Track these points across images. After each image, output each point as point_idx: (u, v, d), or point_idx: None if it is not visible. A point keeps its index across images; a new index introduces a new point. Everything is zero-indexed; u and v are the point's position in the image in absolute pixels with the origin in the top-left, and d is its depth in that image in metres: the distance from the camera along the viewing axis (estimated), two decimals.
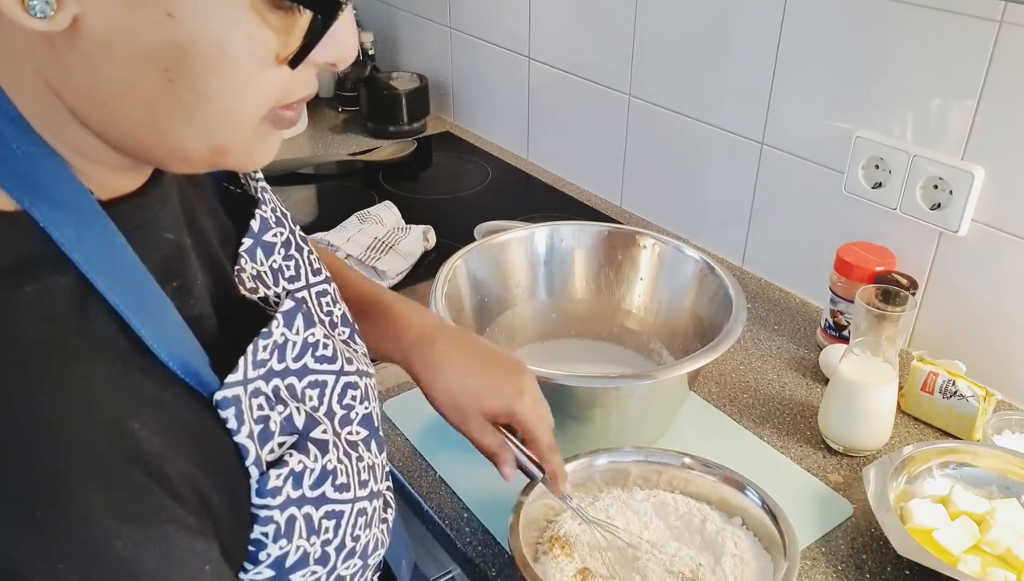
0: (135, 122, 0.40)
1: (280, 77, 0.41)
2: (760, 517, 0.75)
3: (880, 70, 1.04)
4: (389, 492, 0.61)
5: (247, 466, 0.45)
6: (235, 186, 0.59)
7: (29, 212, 0.39)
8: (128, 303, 0.41)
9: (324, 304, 0.60)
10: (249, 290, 0.53)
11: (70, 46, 0.37)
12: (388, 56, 1.96)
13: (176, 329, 0.44)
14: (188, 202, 0.52)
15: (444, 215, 1.42)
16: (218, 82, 0.39)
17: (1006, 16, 0.90)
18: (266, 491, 0.45)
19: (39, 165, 0.40)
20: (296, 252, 0.59)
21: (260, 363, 0.47)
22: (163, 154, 0.43)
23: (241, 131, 0.42)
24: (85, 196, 0.42)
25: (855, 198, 1.10)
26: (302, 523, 0.47)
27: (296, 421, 0.48)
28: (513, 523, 0.71)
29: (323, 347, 0.52)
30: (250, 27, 0.38)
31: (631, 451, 0.81)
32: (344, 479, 0.51)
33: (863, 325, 0.91)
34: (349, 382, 0.54)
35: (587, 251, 1.07)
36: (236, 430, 0.44)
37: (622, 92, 1.40)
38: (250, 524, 0.45)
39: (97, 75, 0.38)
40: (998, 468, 0.86)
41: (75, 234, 0.40)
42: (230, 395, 0.44)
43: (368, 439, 0.56)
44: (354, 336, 0.63)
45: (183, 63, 0.38)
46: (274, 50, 0.40)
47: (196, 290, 0.48)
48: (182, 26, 0.37)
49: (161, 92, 0.39)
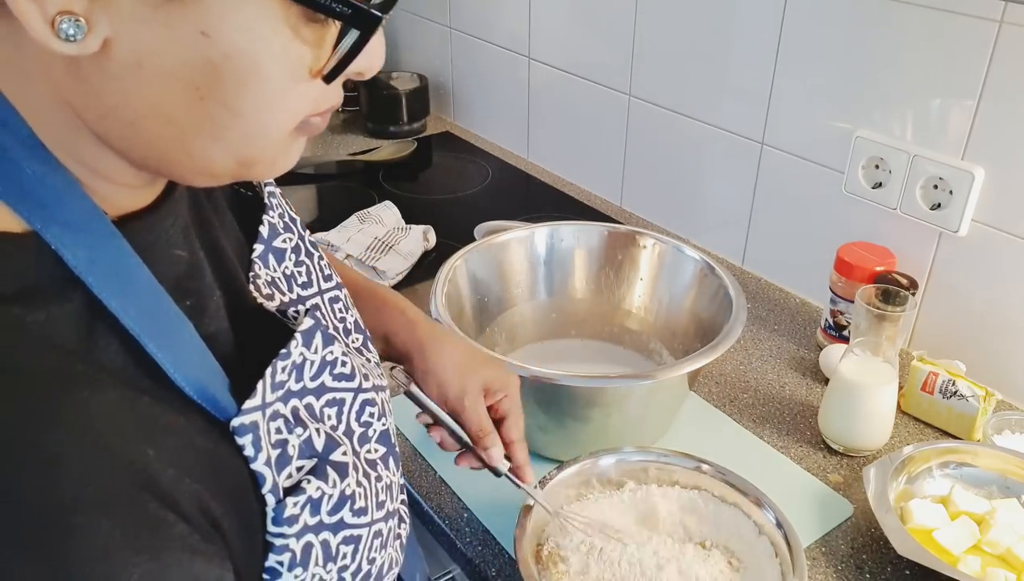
0: (163, 139, 0.40)
1: (312, 90, 0.41)
2: (773, 534, 0.75)
3: (880, 70, 1.04)
4: (404, 506, 0.60)
5: (263, 494, 0.44)
6: (247, 189, 0.58)
7: (40, 234, 0.38)
8: (143, 326, 0.40)
9: (337, 310, 0.60)
10: (266, 296, 0.53)
11: (98, 67, 0.37)
12: (388, 56, 1.94)
13: (193, 351, 0.43)
14: (201, 213, 0.51)
15: (444, 215, 1.42)
16: (251, 98, 0.39)
17: (1006, 16, 0.90)
18: (282, 519, 0.44)
19: (50, 185, 0.39)
20: (306, 258, 0.58)
21: (279, 385, 0.46)
22: (188, 170, 0.42)
23: (270, 144, 0.42)
24: (98, 216, 0.41)
25: (855, 198, 1.10)
26: (319, 550, 0.47)
27: (316, 443, 0.48)
28: (519, 535, 0.71)
29: (341, 365, 0.51)
30: (284, 42, 0.38)
31: (649, 452, 0.81)
32: (362, 503, 0.50)
33: (863, 325, 0.91)
34: (367, 399, 0.53)
35: (587, 251, 1.07)
36: (253, 457, 0.43)
37: (622, 92, 1.40)
38: (264, 552, 0.44)
39: (125, 96, 0.38)
40: (998, 468, 0.86)
41: (88, 256, 0.39)
42: (247, 422, 0.43)
43: (386, 456, 0.55)
44: (367, 343, 0.62)
45: (215, 80, 0.37)
46: (308, 64, 0.39)
47: (211, 307, 0.47)
48: (216, 44, 0.36)
49: (191, 110, 0.38)
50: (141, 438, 0.38)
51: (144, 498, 0.37)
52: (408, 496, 0.89)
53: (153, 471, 0.38)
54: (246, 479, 0.43)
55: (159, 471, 0.38)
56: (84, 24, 0.35)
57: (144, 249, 0.42)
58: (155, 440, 0.39)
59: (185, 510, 0.38)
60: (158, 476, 0.38)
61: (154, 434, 0.39)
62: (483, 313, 1.02)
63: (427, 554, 0.95)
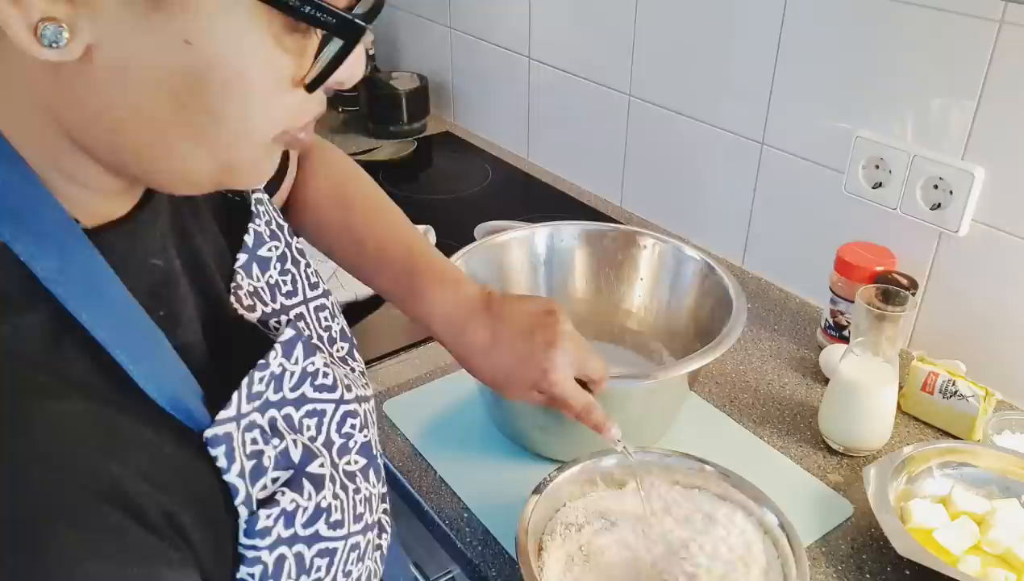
0: (144, 146, 0.40)
1: (294, 99, 0.41)
2: (774, 534, 0.75)
3: (880, 70, 1.04)
4: (386, 516, 0.60)
5: (236, 505, 0.44)
6: (234, 194, 0.58)
7: (9, 245, 0.38)
8: (114, 337, 0.40)
9: (323, 319, 0.59)
10: (247, 307, 0.53)
11: (80, 74, 0.37)
12: (388, 56, 1.96)
13: (165, 362, 0.43)
14: (181, 221, 0.50)
15: (444, 215, 1.42)
16: (233, 106, 0.39)
17: (1006, 16, 0.90)
18: (255, 532, 0.44)
19: (21, 195, 0.39)
20: (292, 266, 0.58)
21: (255, 396, 0.46)
22: (169, 177, 0.42)
23: (252, 152, 0.42)
24: (70, 226, 0.40)
25: (855, 198, 1.10)
26: (292, 563, 0.46)
27: (292, 455, 0.47)
28: (519, 535, 0.71)
29: (323, 376, 0.51)
30: (267, 52, 0.38)
31: (649, 452, 0.81)
32: (339, 515, 0.50)
33: (863, 325, 0.91)
34: (349, 410, 0.53)
35: (587, 251, 1.07)
36: (226, 468, 0.43)
37: (622, 92, 1.40)
38: (236, 564, 0.44)
39: (107, 102, 0.38)
40: (998, 468, 0.86)
41: (57, 267, 0.39)
42: (220, 432, 0.43)
43: (366, 468, 0.55)
44: (353, 351, 0.62)
45: (198, 88, 0.37)
46: (290, 74, 0.39)
47: (185, 317, 0.47)
48: (199, 52, 0.36)
49: (173, 116, 0.38)
50: (105, 449, 0.38)
51: (107, 508, 0.37)
52: (408, 496, 0.89)
53: (116, 482, 0.37)
54: (218, 490, 0.43)
55: (123, 481, 0.38)
56: (67, 30, 0.35)
57: (119, 258, 0.42)
58: (120, 451, 0.38)
59: (151, 520, 0.38)
60: (122, 486, 0.37)
61: (119, 445, 0.39)
62: None
63: (427, 554, 0.95)
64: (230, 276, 0.53)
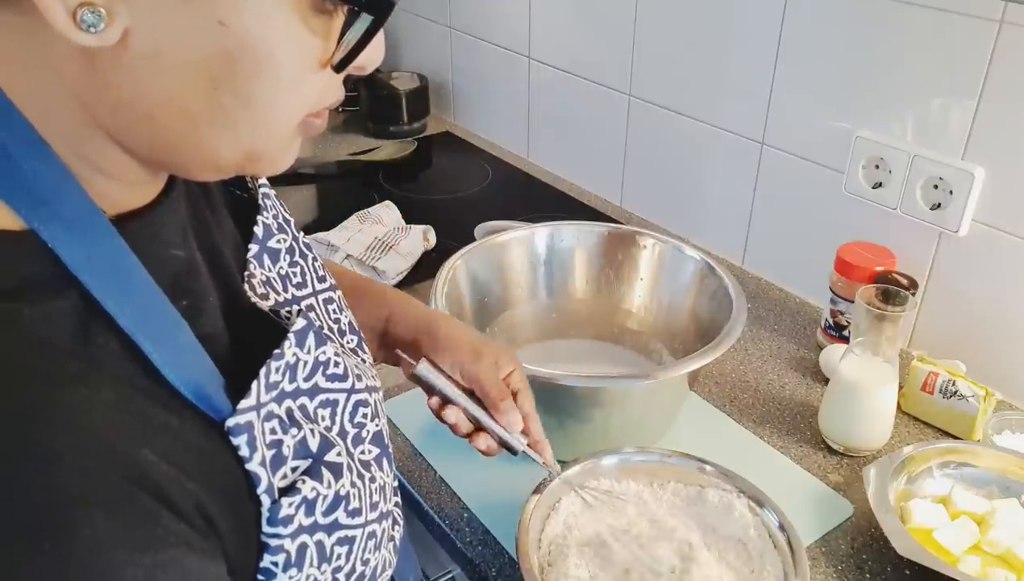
0: (173, 132, 0.40)
1: (319, 82, 0.41)
2: (774, 534, 0.75)
3: (880, 70, 1.04)
4: (397, 508, 0.60)
5: (259, 494, 0.44)
6: (242, 191, 0.58)
7: (37, 232, 0.38)
8: (139, 326, 0.40)
9: (331, 311, 0.60)
10: (260, 296, 0.53)
11: (114, 59, 0.37)
12: (388, 56, 1.95)
13: (189, 351, 0.43)
14: (199, 213, 0.51)
15: (444, 215, 1.42)
16: (262, 88, 0.39)
17: (1006, 16, 0.90)
18: (278, 520, 0.44)
19: (48, 182, 0.39)
20: (300, 259, 0.58)
21: (273, 385, 0.46)
22: (195, 162, 0.43)
23: (277, 136, 0.42)
24: (96, 214, 0.41)
25: (855, 198, 1.10)
26: (314, 551, 0.47)
27: (310, 444, 0.48)
28: (520, 536, 0.71)
29: (334, 365, 0.51)
30: (296, 31, 0.38)
31: (650, 452, 0.81)
32: (357, 503, 0.50)
33: (863, 325, 0.91)
34: (360, 399, 0.53)
35: (587, 251, 1.07)
36: (248, 457, 0.43)
37: (622, 92, 1.40)
38: (259, 552, 0.44)
39: (140, 87, 0.38)
40: (998, 468, 0.86)
41: (85, 254, 0.39)
42: (242, 422, 0.43)
43: (380, 457, 0.55)
44: (362, 344, 0.62)
45: (230, 70, 0.38)
46: (317, 56, 0.40)
47: (208, 308, 0.47)
48: (233, 33, 0.37)
49: (205, 100, 0.39)
50: (136, 436, 0.38)
51: (140, 495, 0.37)
52: (408, 496, 0.89)
53: (149, 468, 0.38)
54: (241, 479, 0.43)
55: (155, 469, 0.38)
56: (105, 15, 0.35)
57: (141, 248, 0.42)
58: (150, 438, 0.39)
59: (181, 508, 0.39)
60: (154, 473, 0.38)
61: (149, 432, 0.39)
62: (483, 313, 1.02)
63: (427, 554, 0.95)
64: (243, 266, 0.53)
